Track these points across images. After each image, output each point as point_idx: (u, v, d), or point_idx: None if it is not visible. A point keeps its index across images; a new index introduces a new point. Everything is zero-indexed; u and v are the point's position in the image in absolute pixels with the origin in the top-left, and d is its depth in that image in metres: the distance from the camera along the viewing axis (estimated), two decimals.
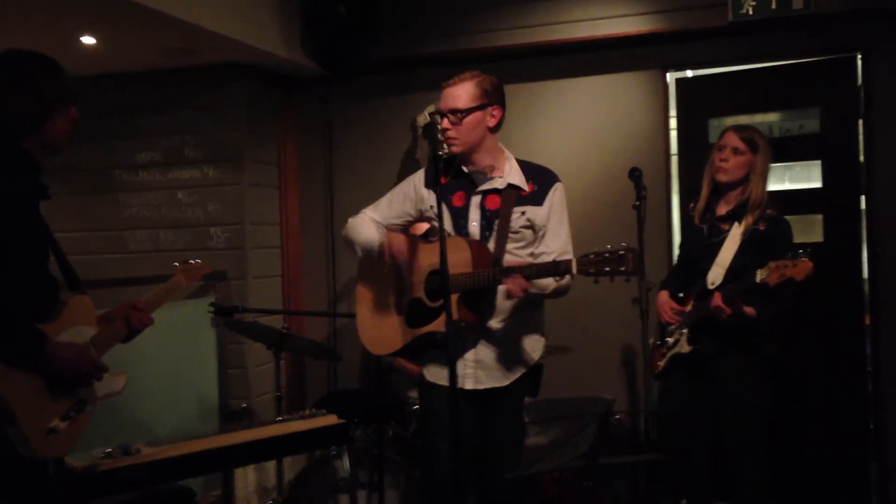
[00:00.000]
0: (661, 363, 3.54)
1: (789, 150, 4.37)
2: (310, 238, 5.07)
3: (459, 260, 2.76)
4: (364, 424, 3.98)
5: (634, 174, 3.28)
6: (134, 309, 2.52)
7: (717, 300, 3.20)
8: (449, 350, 2.41)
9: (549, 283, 2.83)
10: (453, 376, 2.40)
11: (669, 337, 3.53)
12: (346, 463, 3.68)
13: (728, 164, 3.34)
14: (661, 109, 4.43)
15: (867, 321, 4.17)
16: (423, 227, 3.18)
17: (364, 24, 4.58)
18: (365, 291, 3.16)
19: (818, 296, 4.14)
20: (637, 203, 3.19)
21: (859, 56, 4.17)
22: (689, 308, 3.45)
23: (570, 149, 4.53)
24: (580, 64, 4.52)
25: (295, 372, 5.03)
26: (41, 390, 2.22)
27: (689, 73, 4.80)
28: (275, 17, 4.41)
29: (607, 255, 2.46)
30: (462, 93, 2.89)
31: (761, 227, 3.31)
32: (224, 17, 3.96)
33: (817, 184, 4.31)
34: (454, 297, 2.71)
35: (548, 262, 2.67)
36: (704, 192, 3.47)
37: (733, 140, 3.36)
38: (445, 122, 2.88)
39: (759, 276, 3.06)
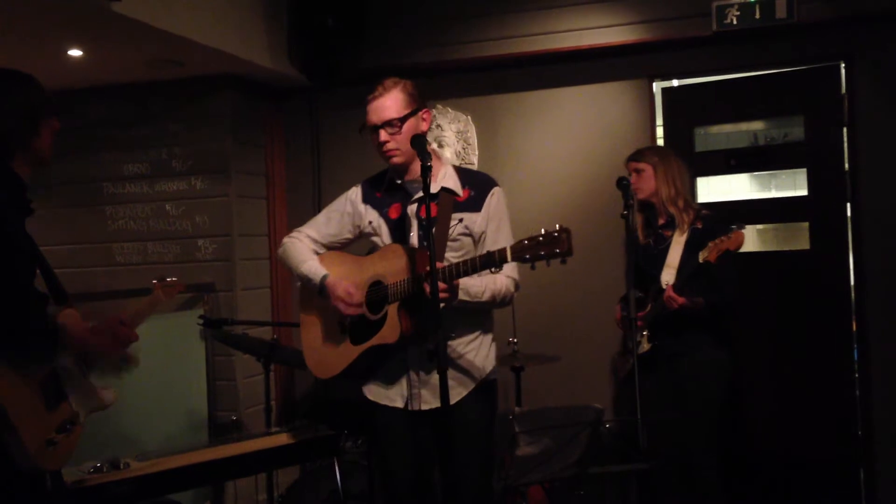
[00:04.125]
0: (627, 367, 3.72)
1: (775, 158, 4.41)
2: None
3: (396, 267, 2.66)
4: (354, 435, 3.97)
5: (622, 183, 3.32)
6: (121, 325, 2.48)
7: (669, 291, 3.46)
8: (440, 361, 2.33)
9: (481, 289, 2.69)
10: (444, 387, 2.34)
11: (631, 343, 3.65)
12: (336, 474, 3.67)
13: (638, 185, 3.71)
14: (647, 118, 4.45)
15: (854, 327, 4.19)
16: None
17: (352, 35, 4.58)
18: (308, 316, 3.02)
19: (806, 303, 4.19)
20: (625, 212, 3.23)
21: (843, 64, 4.21)
22: (648, 310, 3.63)
23: (558, 158, 4.55)
24: (567, 73, 4.54)
25: (284, 383, 5.01)
26: (38, 403, 2.22)
27: (675, 83, 4.83)
28: (261, 28, 4.41)
29: (541, 238, 2.33)
30: (392, 102, 2.81)
31: (699, 226, 3.57)
32: (210, 28, 3.96)
33: (803, 191, 4.34)
34: (394, 307, 2.63)
35: (482, 255, 2.49)
36: (639, 214, 3.82)
37: (631, 167, 3.77)
38: (383, 135, 2.78)
39: (701, 256, 3.37)
